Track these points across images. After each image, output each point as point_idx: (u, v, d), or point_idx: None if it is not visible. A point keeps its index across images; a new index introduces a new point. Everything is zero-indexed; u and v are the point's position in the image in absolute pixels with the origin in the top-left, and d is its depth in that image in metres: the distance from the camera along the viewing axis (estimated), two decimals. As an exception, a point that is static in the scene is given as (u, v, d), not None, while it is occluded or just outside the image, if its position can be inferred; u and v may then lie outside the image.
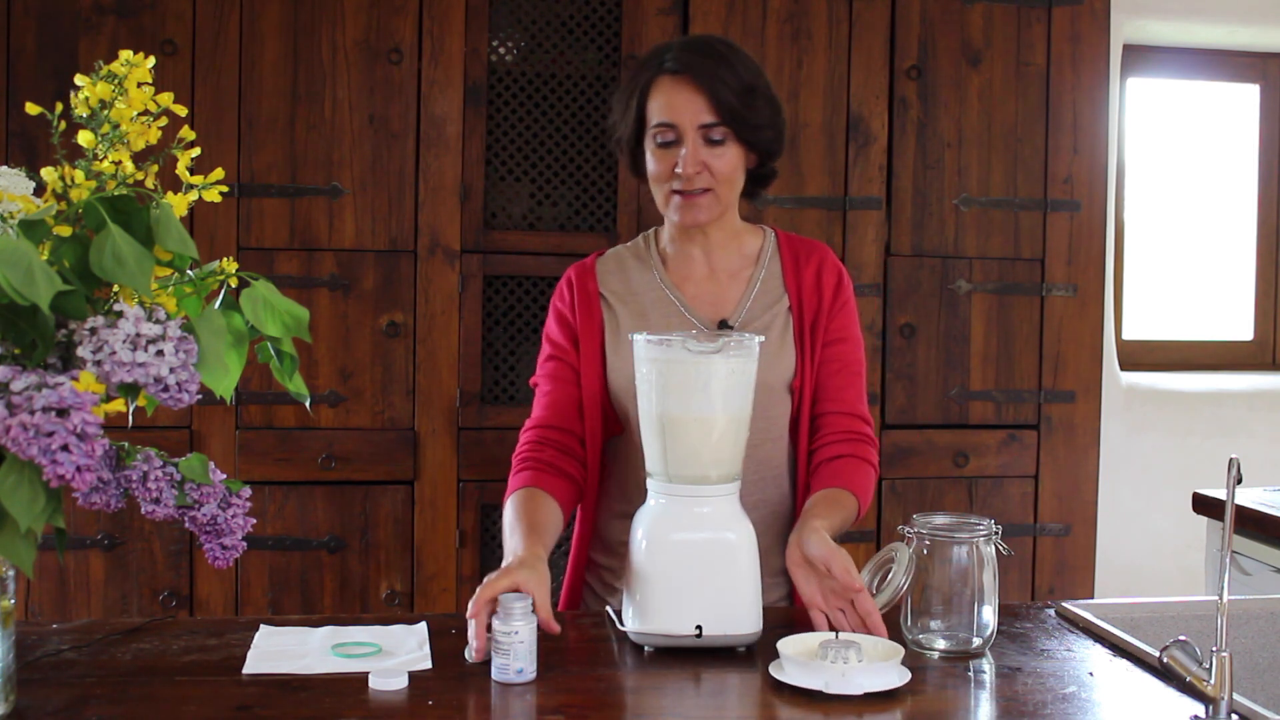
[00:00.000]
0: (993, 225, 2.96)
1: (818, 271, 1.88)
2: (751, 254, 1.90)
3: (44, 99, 1.33)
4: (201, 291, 1.30)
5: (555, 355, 1.86)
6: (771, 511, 1.84)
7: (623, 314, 1.85)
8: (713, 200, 1.80)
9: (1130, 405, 3.39)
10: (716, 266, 1.88)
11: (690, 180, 1.77)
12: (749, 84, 1.78)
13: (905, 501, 2.91)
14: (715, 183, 1.79)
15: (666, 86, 1.78)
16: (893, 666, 1.39)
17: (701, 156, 1.77)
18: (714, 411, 1.53)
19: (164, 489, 1.26)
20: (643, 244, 1.93)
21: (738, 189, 1.85)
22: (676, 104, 1.77)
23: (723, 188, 1.80)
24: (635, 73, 1.86)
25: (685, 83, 1.77)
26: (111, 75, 1.23)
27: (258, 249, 2.67)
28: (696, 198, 1.79)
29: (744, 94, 1.77)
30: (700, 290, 1.87)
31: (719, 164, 1.78)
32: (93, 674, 1.41)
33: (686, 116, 1.76)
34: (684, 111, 1.76)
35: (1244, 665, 1.69)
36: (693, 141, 1.76)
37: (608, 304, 1.87)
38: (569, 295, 1.88)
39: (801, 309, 1.85)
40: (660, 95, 1.79)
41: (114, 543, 2.64)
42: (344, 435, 2.71)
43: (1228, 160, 3.66)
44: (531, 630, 1.40)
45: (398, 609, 2.72)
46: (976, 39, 2.93)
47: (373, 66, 2.71)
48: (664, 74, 1.79)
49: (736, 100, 1.76)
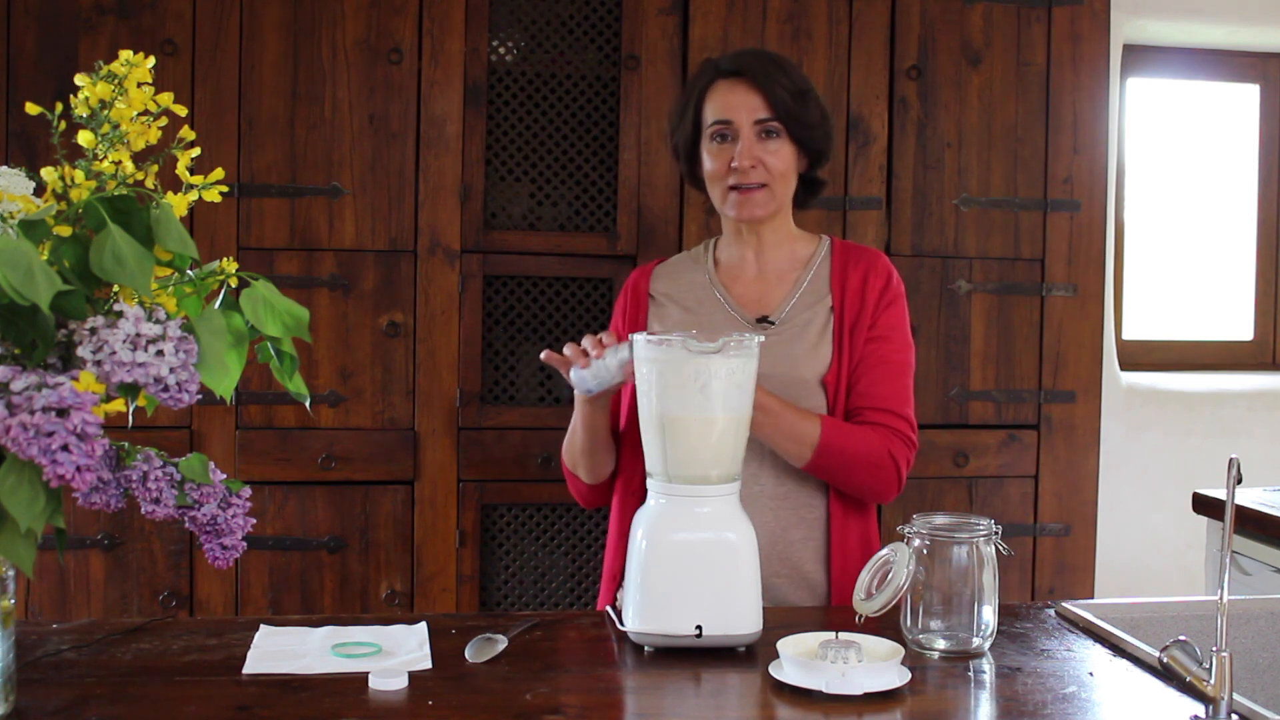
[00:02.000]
0: (993, 225, 2.96)
1: (865, 274, 1.91)
2: (803, 258, 1.95)
3: (44, 99, 1.33)
4: (201, 291, 1.30)
5: None
6: (802, 503, 1.85)
7: (671, 310, 1.93)
8: (768, 196, 1.86)
9: (1130, 405, 3.39)
10: (766, 268, 1.94)
11: (745, 174, 1.84)
12: (802, 88, 1.87)
13: (905, 501, 2.91)
14: (770, 178, 1.85)
15: (723, 88, 1.87)
16: (893, 666, 1.39)
17: (756, 151, 1.84)
18: (714, 411, 1.53)
19: (164, 489, 1.26)
20: (701, 249, 2.02)
21: (791, 187, 1.91)
22: (733, 102, 1.85)
23: (777, 184, 1.87)
24: (691, 81, 1.95)
25: (741, 83, 1.85)
26: (111, 75, 1.23)
27: (258, 249, 2.67)
28: (752, 192, 1.86)
29: (797, 95, 1.85)
30: (747, 289, 1.92)
31: (773, 160, 1.85)
32: (93, 674, 1.41)
33: (743, 113, 1.84)
34: (740, 109, 1.84)
35: (1244, 665, 1.69)
36: (748, 136, 1.84)
37: (656, 303, 1.95)
38: (624, 297, 1.99)
39: (844, 308, 1.89)
40: (717, 96, 1.87)
41: (114, 543, 2.64)
42: (344, 435, 2.71)
43: (1228, 160, 3.66)
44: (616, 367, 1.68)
45: (398, 609, 2.72)
46: (976, 39, 2.93)
47: (373, 66, 2.71)
48: (720, 77, 1.88)
49: (790, 99, 1.84)
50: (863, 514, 1.89)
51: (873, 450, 1.81)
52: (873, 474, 1.82)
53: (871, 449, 1.81)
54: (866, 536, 1.89)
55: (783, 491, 1.83)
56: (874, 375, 1.85)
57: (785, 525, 1.83)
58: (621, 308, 1.99)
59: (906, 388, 1.89)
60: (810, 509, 1.85)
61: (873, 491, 1.85)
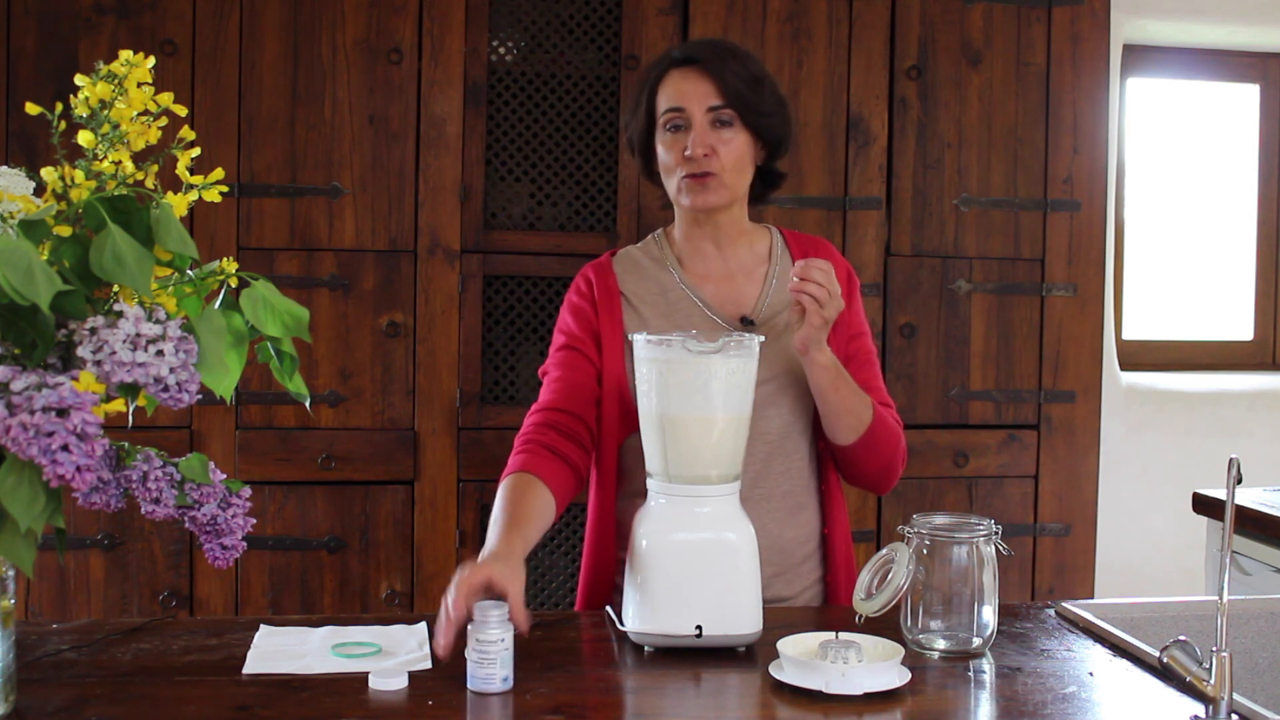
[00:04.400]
0: (993, 225, 2.96)
1: None
2: (763, 252, 1.93)
3: (44, 99, 1.33)
4: (201, 291, 1.29)
5: (570, 345, 1.86)
6: (796, 502, 1.85)
7: (647, 314, 1.86)
8: (720, 184, 1.82)
9: (1130, 405, 3.39)
10: (733, 266, 1.90)
11: (699, 163, 1.79)
12: (756, 75, 1.83)
13: (905, 501, 2.91)
14: (723, 168, 1.81)
15: (675, 77, 1.83)
16: (893, 666, 1.39)
17: (709, 140, 1.79)
18: (714, 411, 1.53)
19: (164, 489, 1.26)
20: (654, 245, 1.94)
21: (746, 178, 1.87)
22: (685, 90, 1.81)
23: (730, 173, 1.82)
24: (644, 72, 1.90)
25: (694, 71, 1.81)
26: (111, 75, 1.23)
27: (258, 249, 2.67)
28: (705, 179, 1.81)
29: (751, 82, 1.81)
30: (720, 290, 1.89)
31: (726, 149, 1.80)
32: (93, 674, 1.41)
33: (695, 101, 1.80)
34: (692, 96, 1.80)
35: (1244, 665, 1.69)
36: (700, 124, 1.80)
37: (629, 304, 1.88)
38: (589, 290, 1.89)
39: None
40: (670, 85, 1.83)
41: (114, 543, 2.64)
42: (344, 435, 2.71)
43: (1228, 160, 3.66)
44: (511, 637, 1.38)
45: (398, 609, 2.72)
46: (976, 39, 2.93)
47: (373, 66, 2.71)
48: (673, 66, 1.84)
49: (744, 87, 1.80)
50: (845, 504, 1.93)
51: (898, 436, 1.84)
52: (895, 458, 1.85)
53: (898, 435, 1.84)
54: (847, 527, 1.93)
55: (781, 492, 1.83)
56: (864, 374, 1.87)
57: (782, 525, 1.83)
58: (589, 301, 1.87)
59: (881, 377, 1.93)
60: (804, 509, 1.86)
61: (891, 474, 1.86)
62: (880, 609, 1.53)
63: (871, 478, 1.86)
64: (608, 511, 1.86)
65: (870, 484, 1.88)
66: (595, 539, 1.88)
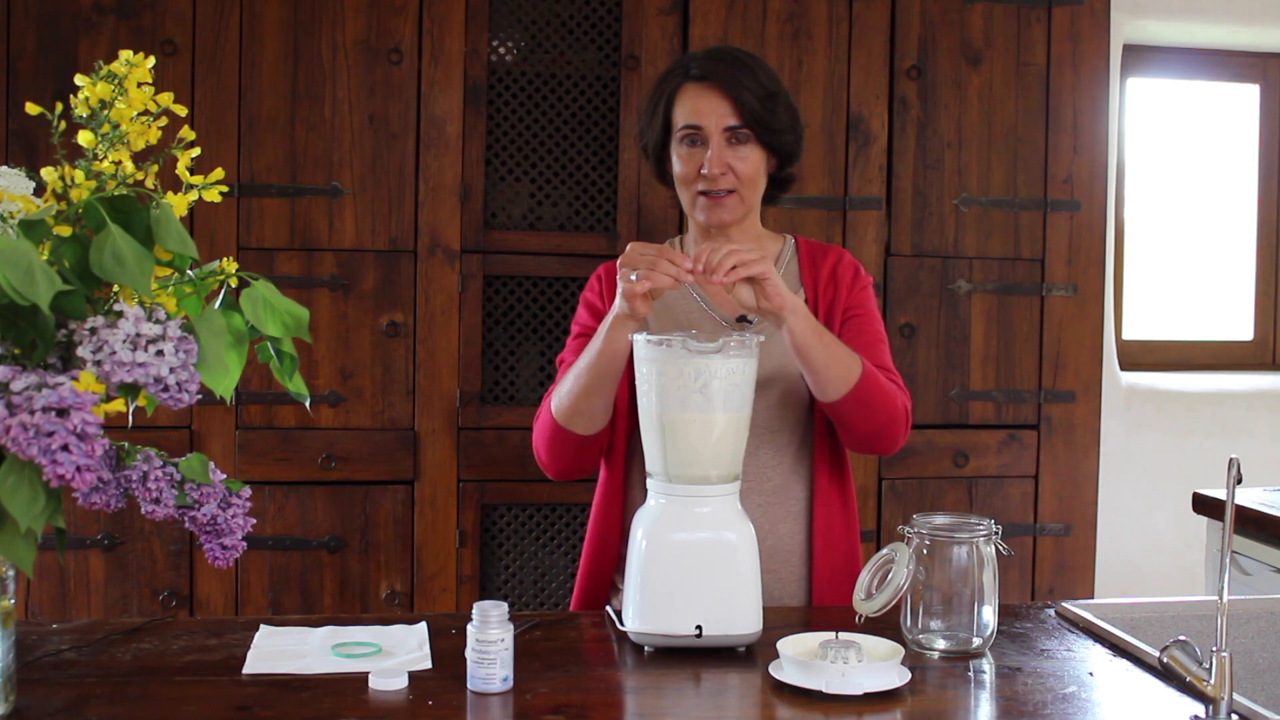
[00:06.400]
0: (993, 225, 2.96)
1: (834, 265, 1.94)
2: (771, 257, 1.94)
3: (44, 99, 1.34)
4: (201, 291, 1.30)
5: (585, 334, 1.89)
6: (792, 497, 1.86)
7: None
8: (736, 201, 1.87)
9: (1130, 405, 3.39)
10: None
11: (715, 180, 1.84)
12: (770, 90, 1.86)
13: (905, 501, 2.91)
14: (739, 184, 1.86)
15: (692, 92, 1.86)
16: (893, 666, 1.39)
17: (726, 158, 1.84)
18: (714, 411, 1.54)
19: (164, 489, 1.26)
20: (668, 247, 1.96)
21: (760, 191, 1.92)
22: (702, 108, 1.84)
23: (746, 189, 1.87)
24: (660, 81, 1.93)
25: (710, 88, 1.85)
26: (111, 75, 1.23)
27: (258, 249, 2.67)
28: (722, 199, 1.86)
29: (766, 99, 1.85)
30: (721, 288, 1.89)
31: (742, 166, 1.85)
32: (93, 674, 1.41)
33: (712, 119, 1.84)
34: (709, 115, 1.84)
35: (1244, 665, 1.69)
36: (717, 143, 1.84)
37: None
38: (600, 288, 1.94)
39: (818, 298, 1.91)
40: (686, 100, 1.86)
41: (114, 543, 2.64)
42: (344, 435, 2.71)
43: (1228, 160, 3.66)
44: (511, 637, 1.38)
45: (398, 609, 2.72)
46: (976, 39, 2.93)
47: (373, 66, 2.71)
48: (689, 81, 1.87)
49: (759, 105, 1.84)
50: (844, 502, 1.90)
51: (893, 393, 1.81)
52: (894, 416, 1.81)
53: (893, 392, 1.81)
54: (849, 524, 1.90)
55: (770, 486, 1.84)
56: (859, 342, 1.85)
57: (773, 520, 1.83)
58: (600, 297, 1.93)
59: (888, 353, 1.91)
60: (794, 502, 1.86)
61: (890, 436, 1.83)
62: (880, 609, 1.53)
63: (869, 438, 1.83)
64: (613, 507, 1.87)
65: (869, 445, 1.85)
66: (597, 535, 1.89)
